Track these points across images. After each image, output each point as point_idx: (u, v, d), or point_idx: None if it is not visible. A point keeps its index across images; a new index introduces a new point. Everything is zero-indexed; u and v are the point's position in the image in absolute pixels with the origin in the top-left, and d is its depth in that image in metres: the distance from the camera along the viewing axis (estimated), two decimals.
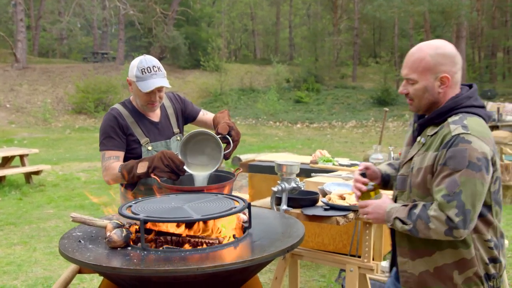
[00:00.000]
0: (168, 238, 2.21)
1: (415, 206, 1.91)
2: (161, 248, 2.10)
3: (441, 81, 1.93)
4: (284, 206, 2.90)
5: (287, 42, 40.49)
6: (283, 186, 2.90)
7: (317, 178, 3.52)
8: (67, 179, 9.62)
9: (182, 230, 2.24)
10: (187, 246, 2.17)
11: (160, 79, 2.78)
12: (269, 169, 4.87)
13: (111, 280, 2.11)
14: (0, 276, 4.74)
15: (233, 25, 39.34)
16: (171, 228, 2.24)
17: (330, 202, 2.93)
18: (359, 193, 2.17)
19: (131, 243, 2.12)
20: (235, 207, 2.21)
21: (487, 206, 1.88)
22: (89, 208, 7.36)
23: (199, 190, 2.55)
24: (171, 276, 1.86)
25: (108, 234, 2.15)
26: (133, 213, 2.18)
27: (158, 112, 3.00)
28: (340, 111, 23.46)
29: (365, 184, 2.16)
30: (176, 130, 3.07)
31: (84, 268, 2.53)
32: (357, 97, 25.59)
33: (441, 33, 27.96)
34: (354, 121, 20.93)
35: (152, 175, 2.70)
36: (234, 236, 2.21)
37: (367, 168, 2.26)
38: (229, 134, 2.72)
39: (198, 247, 2.08)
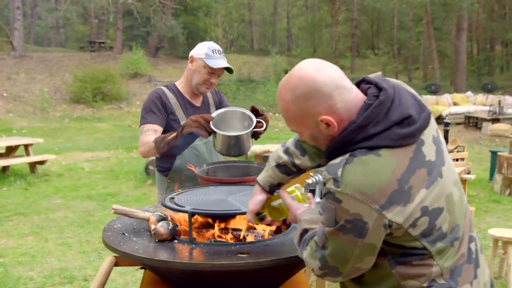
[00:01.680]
0: (212, 231, 2.18)
1: (305, 232, 1.63)
2: (207, 241, 2.07)
3: (325, 123, 1.46)
4: (317, 199, 2.86)
5: (285, 33, 40.35)
6: (317, 178, 2.85)
7: None
8: (71, 169, 9.56)
9: (223, 223, 2.22)
10: (230, 239, 2.14)
11: (226, 63, 2.85)
12: None
13: (158, 273, 2.07)
14: (15, 266, 4.70)
15: (230, 15, 39.13)
16: (212, 220, 2.21)
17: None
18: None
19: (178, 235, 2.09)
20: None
21: (412, 249, 1.47)
22: (97, 199, 7.31)
23: (237, 182, 2.51)
24: (225, 271, 1.82)
25: (153, 226, 2.11)
26: (177, 205, 2.14)
27: (200, 98, 3.03)
28: None
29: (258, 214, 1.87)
30: None
31: (121, 260, 2.49)
32: None
33: (440, 25, 27.96)
34: None
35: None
36: (280, 229, 2.17)
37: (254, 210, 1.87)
38: (260, 115, 2.66)
39: (247, 241, 2.05)
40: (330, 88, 1.43)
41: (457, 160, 4.30)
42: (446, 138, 3.89)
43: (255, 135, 2.63)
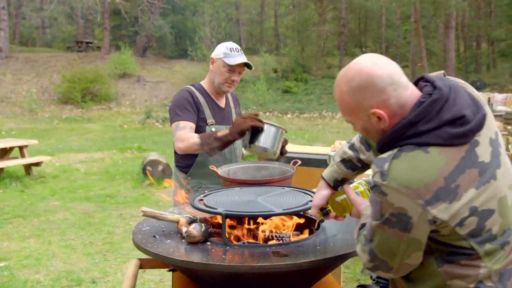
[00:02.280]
0: (241, 232, 2.18)
1: (362, 226, 1.65)
2: (241, 243, 2.06)
3: (377, 116, 1.49)
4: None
5: (272, 32, 40.34)
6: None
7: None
8: (66, 171, 9.47)
9: (254, 224, 2.21)
10: (262, 240, 2.14)
11: (245, 59, 2.94)
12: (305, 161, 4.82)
13: (191, 276, 2.06)
14: (20, 269, 4.65)
15: (217, 15, 39.05)
16: (243, 221, 2.20)
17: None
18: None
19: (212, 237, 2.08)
20: (311, 201, 2.18)
21: (460, 248, 1.47)
22: (95, 200, 7.26)
23: (262, 183, 2.51)
24: (265, 272, 1.81)
25: (184, 229, 2.10)
26: (207, 206, 2.13)
27: (224, 100, 3.12)
28: (329, 102, 23.47)
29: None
30: None
31: (145, 263, 2.48)
32: None
33: (427, 24, 28.15)
34: None
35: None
36: (312, 230, 2.17)
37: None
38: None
39: (281, 242, 2.04)
40: (385, 83, 1.45)
41: None
42: None
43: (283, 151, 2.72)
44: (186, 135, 2.76)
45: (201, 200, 2.24)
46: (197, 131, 2.87)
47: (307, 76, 27.01)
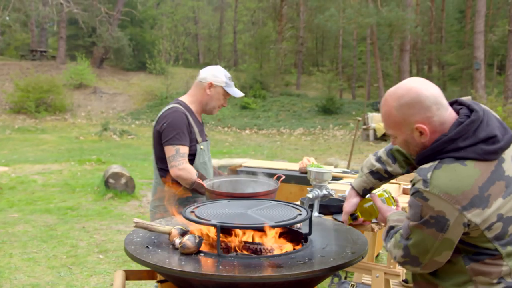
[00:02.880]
0: (232, 244, 2.22)
1: (391, 229, 1.92)
2: (234, 254, 2.11)
3: (419, 131, 1.73)
4: (316, 213, 2.96)
5: (231, 47, 40.60)
6: (316, 193, 2.95)
7: (335, 186, 3.60)
8: (23, 182, 9.22)
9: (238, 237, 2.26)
10: (252, 252, 2.19)
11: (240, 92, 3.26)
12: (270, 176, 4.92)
13: (185, 287, 2.08)
14: None
15: (176, 29, 39.00)
16: (235, 233, 2.25)
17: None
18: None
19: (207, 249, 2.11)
20: (300, 214, 2.25)
21: (485, 249, 1.69)
22: (56, 213, 7.10)
23: (249, 197, 2.56)
24: (260, 283, 1.87)
25: (177, 240, 2.13)
26: (200, 218, 2.17)
27: (200, 116, 3.28)
28: (287, 119, 23.78)
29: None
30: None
31: (131, 274, 2.48)
32: (302, 105, 26.03)
33: (381, 46, 28.99)
34: (301, 128, 21.29)
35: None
36: (302, 242, 2.24)
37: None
38: None
39: (273, 254, 2.10)
40: (431, 102, 1.71)
41: None
42: None
43: None
44: (189, 168, 2.95)
45: (192, 212, 2.28)
46: (191, 149, 3.05)
47: (265, 92, 27.27)
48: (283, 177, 2.84)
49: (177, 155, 2.94)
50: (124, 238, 2.31)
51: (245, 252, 2.15)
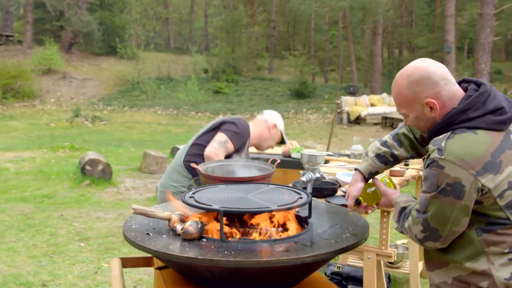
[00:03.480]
0: (234, 229, 2.19)
1: (403, 209, 1.96)
2: (236, 239, 2.08)
3: (429, 106, 1.81)
4: None
5: (202, 32, 40.21)
6: (309, 176, 2.94)
7: (326, 169, 3.60)
8: None
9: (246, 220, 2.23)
10: (254, 237, 2.16)
11: None
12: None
13: (188, 273, 2.05)
14: None
15: (146, 13, 38.38)
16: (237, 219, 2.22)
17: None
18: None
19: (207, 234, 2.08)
20: (301, 197, 2.23)
21: (497, 218, 1.76)
22: (32, 201, 6.95)
23: (246, 181, 2.53)
24: (267, 267, 1.84)
25: (178, 226, 2.09)
26: (200, 203, 2.13)
27: None
28: (260, 103, 23.72)
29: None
30: None
31: (127, 262, 2.44)
32: (275, 89, 26.00)
33: (353, 29, 29.09)
34: None
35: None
36: (304, 226, 2.22)
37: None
38: None
39: (276, 238, 2.07)
40: (438, 78, 1.79)
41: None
42: None
43: None
44: (222, 156, 3.14)
45: (191, 197, 2.23)
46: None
47: (238, 77, 27.14)
48: (278, 160, 2.82)
49: (223, 143, 3.15)
50: (104, 225, 2.27)
51: (247, 237, 2.13)
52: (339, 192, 3.12)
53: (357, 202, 2.16)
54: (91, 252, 5.06)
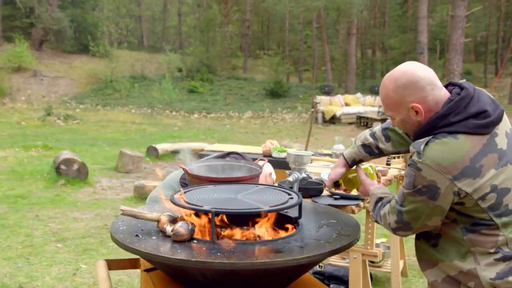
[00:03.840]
0: (224, 231, 2.17)
1: (380, 200, 2.04)
2: (228, 240, 2.05)
3: (415, 110, 1.82)
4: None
5: (175, 30, 39.93)
6: (296, 176, 2.93)
7: (310, 168, 3.59)
8: None
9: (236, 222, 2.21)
10: (245, 237, 2.14)
11: None
12: None
13: (179, 276, 2.01)
14: None
15: (118, 10, 37.94)
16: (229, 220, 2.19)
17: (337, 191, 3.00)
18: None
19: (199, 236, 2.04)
20: (291, 198, 2.21)
21: (480, 219, 1.78)
22: (5, 201, 6.78)
23: (234, 181, 2.50)
24: (262, 269, 1.82)
25: (169, 227, 2.05)
26: (191, 204, 2.09)
27: None
28: (235, 102, 23.69)
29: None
30: None
31: (112, 264, 2.39)
32: (250, 88, 25.99)
33: (327, 29, 29.28)
34: (250, 112, 21.26)
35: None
36: (295, 226, 2.20)
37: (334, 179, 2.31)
38: None
39: (268, 239, 2.05)
40: (425, 83, 1.80)
41: (394, 157, 4.58)
42: None
43: None
44: None
45: (180, 197, 2.19)
46: None
47: (212, 76, 27.05)
48: (266, 160, 2.79)
49: None
50: (81, 226, 2.21)
51: (238, 238, 2.10)
52: (325, 192, 3.12)
53: (337, 185, 2.30)
54: (68, 253, 4.97)
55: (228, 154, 3.11)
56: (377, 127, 2.22)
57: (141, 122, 18.62)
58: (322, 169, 3.56)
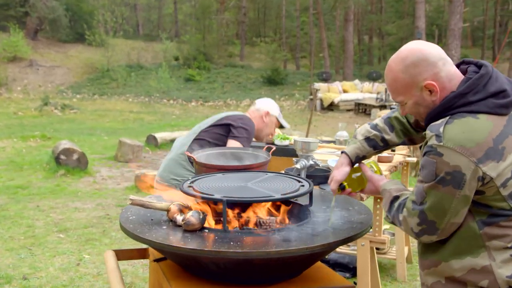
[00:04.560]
0: (234, 218, 2.14)
1: (396, 199, 1.79)
2: (238, 229, 2.02)
3: (428, 90, 1.67)
4: None
5: (171, 18, 39.65)
6: (304, 163, 2.90)
7: (316, 155, 3.55)
8: None
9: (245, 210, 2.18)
10: (255, 226, 2.12)
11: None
12: None
13: (190, 265, 1.98)
14: None
15: None
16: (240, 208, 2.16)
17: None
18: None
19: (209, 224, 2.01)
20: (302, 185, 2.18)
21: (499, 210, 1.62)
22: (6, 192, 6.75)
23: (242, 169, 2.47)
24: (275, 258, 1.79)
25: (179, 217, 2.02)
26: (201, 193, 2.06)
27: None
28: (232, 90, 23.61)
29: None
30: None
31: (121, 254, 2.36)
32: (247, 76, 25.89)
33: (324, 16, 29.14)
34: (248, 99, 21.20)
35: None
36: (307, 214, 2.17)
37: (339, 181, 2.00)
38: None
39: (280, 227, 2.03)
40: (436, 58, 1.66)
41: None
42: None
43: None
44: None
45: (190, 186, 2.16)
46: None
47: (209, 64, 26.92)
48: (274, 148, 2.76)
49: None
50: (83, 216, 2.18)
51: (249, 226, 2.08)
52: None
53: (342, 187, 2.00)
54: (71, 243, 4.94)
55: (229, 125, 3.29)
56: (377, 119, 2.05)
57: (139, 111, 18.55)
58: (328, 156, 3.53)
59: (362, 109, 17.56)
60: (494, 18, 29.52)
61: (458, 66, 1.75)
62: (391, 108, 3.70)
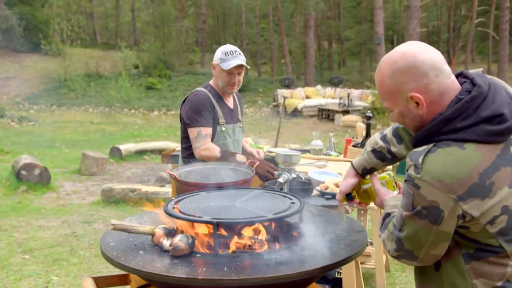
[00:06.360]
0: (224, 241, 2.03)
1: (387, 216, 1.68)
2: (228, 253, 1.92)
3: (415, 102, 1.50)
4: None
5: (129, 26, 39.14)
6: (286, 176, 2.82)
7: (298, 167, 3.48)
8: None
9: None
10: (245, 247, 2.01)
11: (240, 60, 3.16)
12: None
13: None
14: None
15: (69, 7, 36.87)
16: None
17: (329, 190, 2.91)
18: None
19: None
20: (293, 203, 2.10)
21: (487, 245, 1.47)
22: None
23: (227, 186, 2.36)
24: (274, 283, 1.69)
25: (167, 241, 1.90)
26: (185, 214, 1.95)
27: (231, 99, 3.38)
28: None
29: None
30: (240, 118, 3.48)
31: (100, 281, 2.21)
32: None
33: (284, 23, 29.31)
34: None
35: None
36: (299, 233, 2.08)
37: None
38: None
39: (273, 249, 1.93)
40: (428, 68, 1.46)
41: None
42: (368, 132, 4.07)
43: None
44: (209, 145, 3.10)
45: (174, 207, 2.04)
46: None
47: (170, 72, 26.63)
48: (257, 162, 2.66)
49: (199, 136, 3.10)
50: (48, 234, 2.04)
51: (241, 249, 1.97)
52: (315, 192, 3.02)
53: (350, 198, 1.96)
54: (37, 264, 4.71)
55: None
56: (388, 129, 1.90)
57: (100, 121, 18.13)
58: (308, 168, 3.46)
59: (325, 114, 17.66)
60: (447, 23, 30.30)
61: (457, 77, 1.57)
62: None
